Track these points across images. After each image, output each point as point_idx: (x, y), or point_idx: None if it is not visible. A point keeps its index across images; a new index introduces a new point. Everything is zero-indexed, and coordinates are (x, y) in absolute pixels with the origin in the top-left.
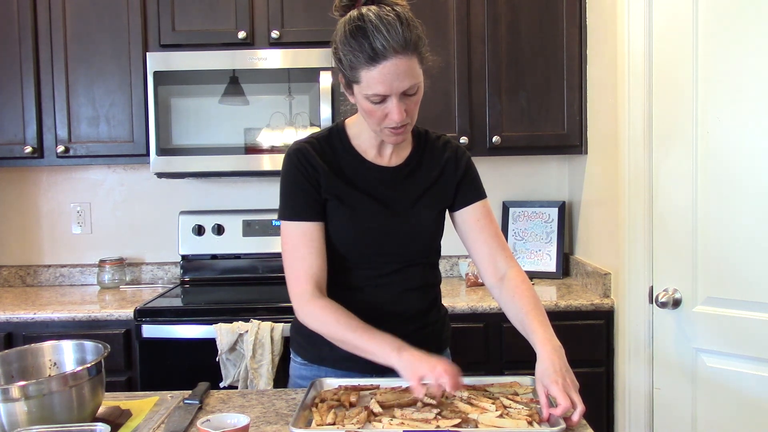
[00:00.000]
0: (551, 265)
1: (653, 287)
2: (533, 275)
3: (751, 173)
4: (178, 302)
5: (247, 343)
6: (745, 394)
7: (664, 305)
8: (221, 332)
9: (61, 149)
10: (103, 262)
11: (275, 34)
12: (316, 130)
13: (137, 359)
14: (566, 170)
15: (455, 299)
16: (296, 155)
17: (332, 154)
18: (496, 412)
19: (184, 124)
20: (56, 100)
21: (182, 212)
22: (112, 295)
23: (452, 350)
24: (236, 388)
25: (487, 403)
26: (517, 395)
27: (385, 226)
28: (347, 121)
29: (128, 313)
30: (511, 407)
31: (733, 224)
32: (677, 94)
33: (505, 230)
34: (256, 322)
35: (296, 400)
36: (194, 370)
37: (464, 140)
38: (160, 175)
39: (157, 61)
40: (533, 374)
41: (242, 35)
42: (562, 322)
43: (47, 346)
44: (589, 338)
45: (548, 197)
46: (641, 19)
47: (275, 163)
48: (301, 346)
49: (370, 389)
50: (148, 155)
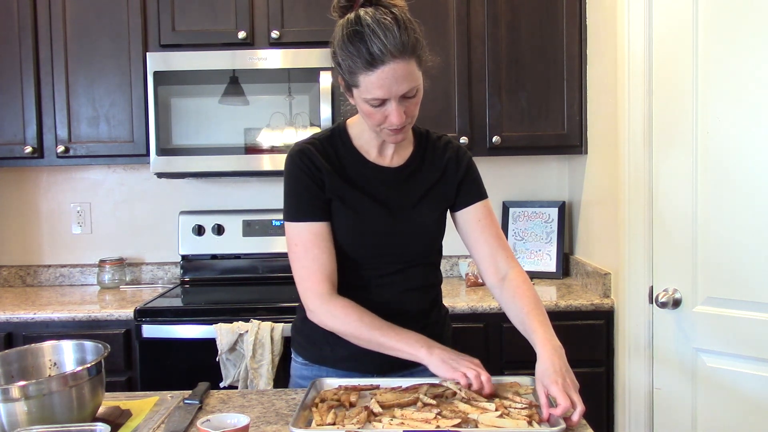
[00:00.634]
0: (551, 265)
1: (653, 287)
2: (533, 275)
3: (751, 173)
4: (178, 302)
5: (247, 343)
6: (745, 394)
7: (664, 305)
8: (221, 332)
9: (61, 149)
10: (103, 262)
11: (275, 34)
12: (316, 130)
13: (137, 359)
14: (566, 170)
15: (455, 299)
16: (299, 156)
17: (334, 154)
18: (496, 412)
19: (184, 124)
20: (56, 100)
21: (182, 212)
22: (112, 295)
23: None
24: (236, 388)
25: (487, 403)
26: (518, 395)
27: (386, 226)
28: (348, 121)
29: (128, 313)
30: (511, 407)
31: (733, 224)
32: (677, 94)
33: (505, 230)
34: (256, 322)
35: (296, 400)
36: (194, 370)
37: (464, 140)
38: (160, 175)
39: (157, 61)
40: (533, 374)
41: (242, 35)
42: (562, 322)
43: (47, 346)
44: (589, 338)
45: (548, 197)
46: (641, 19)
47: (275, 163)
48: (302, 346)
49: (370, 389)
50: (148, 155)
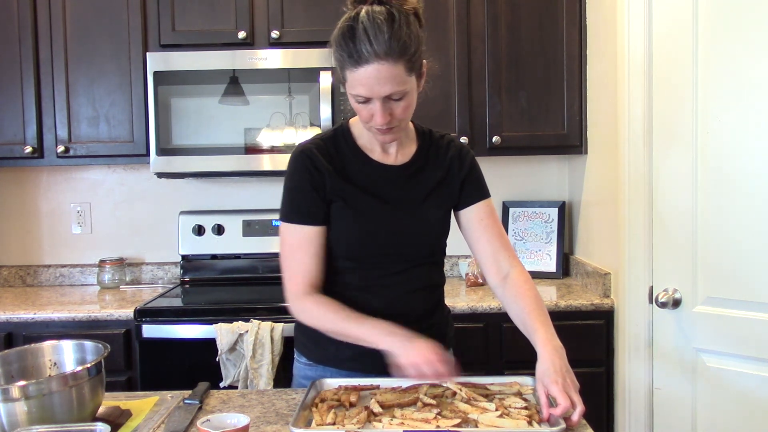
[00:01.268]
0: (551, 265)
1: (653, 287)
2: (533, 275)
3: (751, 173)
4: (178, 302)
5: (247, 343)
6: (745, 394)
7: (664, 305)
8: (221, 332)
9: (61, 149)
10: (103, 262)
11: (275, 34)
12: (316, 130)
13: (137, 359)
14: (566, 170)
15: (455, 299)
16: (301, 157)
17: (337, 154)
18: (496, 412)
19: (184, 124)
20: (56, 100)
21: (182, 212)
22: (112, 295)
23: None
24: (236, 388)
25: (487, 403)
26: (520, 395)
27: (392, 224)
28: (351, 120)
29: (128, 313)
30: (511, 407)
31: (733, 224)
32: (677, 94)
33: (505, 230)
34: (256, 322)
35: (296, 400)
36: (194, 370)
37: (464, 140)
38: (160, 175)
39: (157, 61)
40: (533, 374)
41: (242, 35)
42: (562, 322)
43: (47, 346)
44: (589, 338)
45: (548, 197)
46: (641, 19)
47: (275, 163)
48: (305, 346)
49: (370, 389)
50: (148, 155)
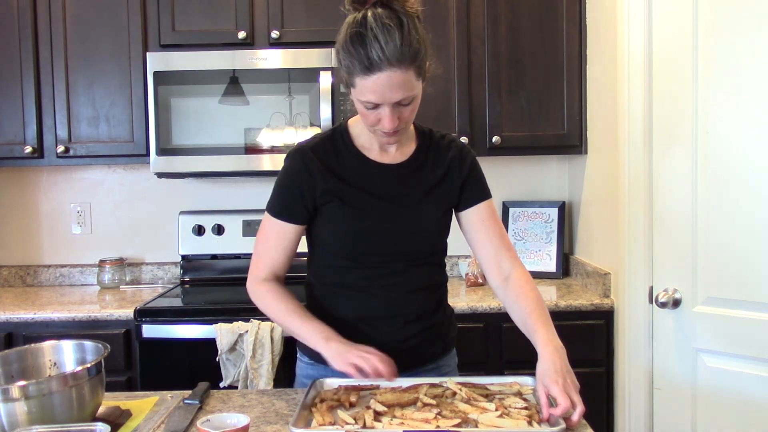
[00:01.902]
0: (551, 265)
1: (653, 287)
2: (533, 275)
3: (751, 173)
4: (178, 302)
5: (247, 343)
6: (745, 394)
7: (664, 305)
8: (221, 332)
9: (61, 149)
10: (103, 262)
11: (275, 34)
12: (316, 130)
13: (137, 359)
14: (566, 170)
15: (455, 299)
16: (296, 158)
17: (335, 154)
18: (496, 412)
19: (184, 124)
20: (56, 100)
21: (182, 212)
22: (112, 295)
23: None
24: (236, 388)
25: (487, 403)
26: (520, 395)
27: (389, 223)
28: (350, 120)
29: (128, 313)
30: (511, 407)
31: (733, 224)
32: (677, 94)
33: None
34: (256, 322)
35: (296, 400)
36: (194, 370)
37: (464, 140)
38: (160, 175)
39: (157, 61)
40: (533, 374)
41: (242, 35)
42: (562, 322)
43: (47, 346)
44: (589, 338)
45: (548, 197)
46: (641, 19)
47: (275, 163)
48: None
49: (370, 389)
50: (148, 155)
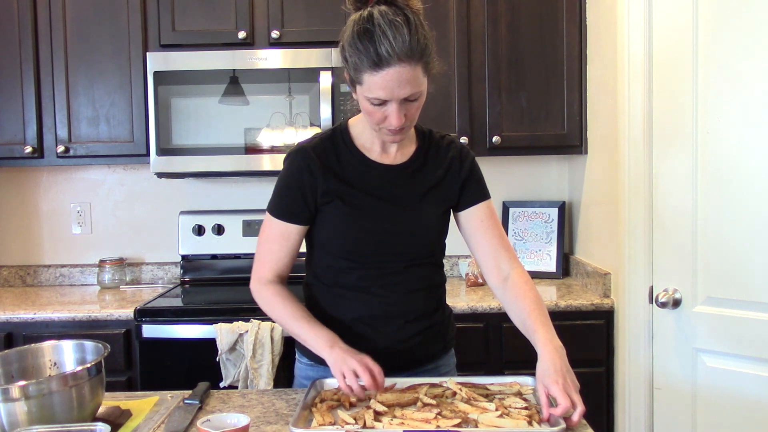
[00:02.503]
0: (551, 265)
1: (653, 287)
2: (533, 275)
3: (751, 173)
4: (178, 302)
5: (247, 343)
6: (745, 394)
7: (664, 305)
8: (221, 332)
9: (61, 149)
10: (103, 262)
11: (275, 34)
12: (316, 130)
13: (137, 359)
14: (566, 170)
15: (455, 299)
16: (296, 158)
17: (335, 154)
18: (496, 412)
19: (184, 124)
20: (56, 100)
21: (182, 212)
22: (112, 295)
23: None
24: (236, 388)
25: (487, 403)
26: (521, 395)
27: (390, 223)
28: (350, 120)
29: (128, 313)
30: (511, 407)
31: (733, 224)
32: (677, 94)
33: (505, 230)
34: (256, 322)
35: (296, 400)
36: (194, 370)
37: (464, 140)
38: (160, 175)
39: (157, 61)
40: (533, 374)
41: (242, 35)
42: (562, 322)
43: (47, 346)
44: (589, 338)
45: (548, 197)
46: (641, 18)
47: (275, 163)
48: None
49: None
50: (148, 155)
